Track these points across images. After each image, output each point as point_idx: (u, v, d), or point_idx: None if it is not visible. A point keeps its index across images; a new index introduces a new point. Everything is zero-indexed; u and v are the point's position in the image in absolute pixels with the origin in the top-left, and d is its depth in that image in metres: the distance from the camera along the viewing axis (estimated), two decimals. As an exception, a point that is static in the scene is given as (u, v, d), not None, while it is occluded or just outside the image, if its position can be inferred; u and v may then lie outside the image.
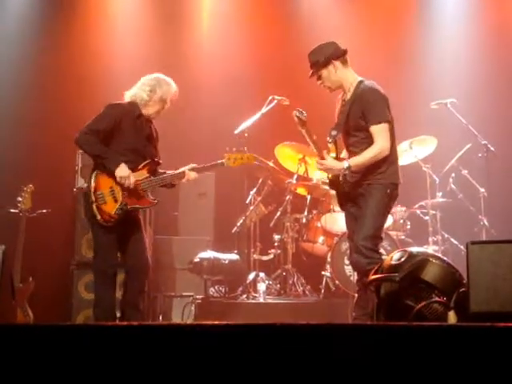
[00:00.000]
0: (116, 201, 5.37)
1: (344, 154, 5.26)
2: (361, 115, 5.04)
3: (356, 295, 5.29)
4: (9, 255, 6.26)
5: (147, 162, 5.51)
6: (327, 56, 5.12)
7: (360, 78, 5.19)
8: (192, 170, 5.57)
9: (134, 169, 5.41)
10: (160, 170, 5.62)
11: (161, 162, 5.65)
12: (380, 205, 5.06)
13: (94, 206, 5.35)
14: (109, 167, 5.34)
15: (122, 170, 5.32)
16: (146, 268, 5.56)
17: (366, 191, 5.09)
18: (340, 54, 5.16)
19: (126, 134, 5.43)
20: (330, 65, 5.12)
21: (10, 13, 8.43)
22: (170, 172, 5.60)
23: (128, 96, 5.58)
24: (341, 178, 5.12)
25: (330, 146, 5.23)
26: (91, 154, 5.48)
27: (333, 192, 5.33)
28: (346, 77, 5.18)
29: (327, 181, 5.38)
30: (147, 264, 5.58)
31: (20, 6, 8.44)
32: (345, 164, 5.05)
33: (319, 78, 5.19)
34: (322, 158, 5.14)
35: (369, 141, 5.03)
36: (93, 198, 5.35)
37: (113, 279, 5.45)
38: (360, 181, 5.10)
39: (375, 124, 4.99)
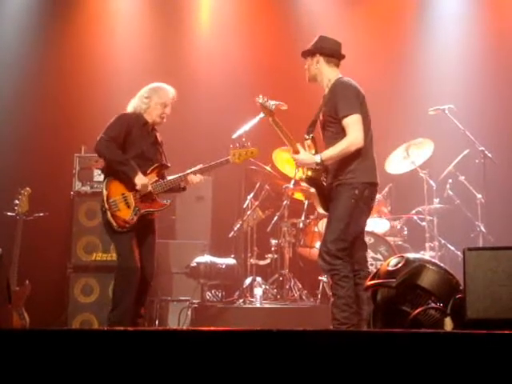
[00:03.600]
0: (129, 206, 5.52)
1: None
2: (334, 110, 5.01)
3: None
4: (5, 258, 6.29)
5: (156, 165, 5.70)
6: (316, 48, 5.19)
7: (339, 76, 5.17)
8: (200, 170, 5.73)
9: (143, 173, 5.57)
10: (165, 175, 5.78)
11: (169, 165, 5.84)
12: (345, 207, 4.93)
13: (109, 214, 5.48)
14: (127, 174, 5.50)
15: (141, 179, 5.51)
16: (151, 275, 5.70)
17: (336, 193, 5.02)
18: (328, 54, 5.18)
19: (135, 141, 5.60)
20: (314, 57, 5.18)
21: (9, 16, 8.43)
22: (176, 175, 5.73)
23: (130, 108, 5.76)
24: (322, 178, 5.08)
25: (309, 142, 5.20)
26: (112, 159, 5.58)
27: (313, 190, 5.24)
28: (326, 74, 5.18)
29: (305, 177, 5.24)
30: (153, 271, 5.73)
31: (18, 10, 8.45)
32: (317, 158, 5.01)
33: (306, 63, 5.26)
34: (296, 152, 5.14)
35: (342, 135, 4.96)
36: (106, 206, 5.49)
37: (136, 283, 5.46)
38: (332, 182, 5.05)
39: (345, 117, 4.93)
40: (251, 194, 7.68)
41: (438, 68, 8.71)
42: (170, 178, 5.72)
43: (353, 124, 4.93)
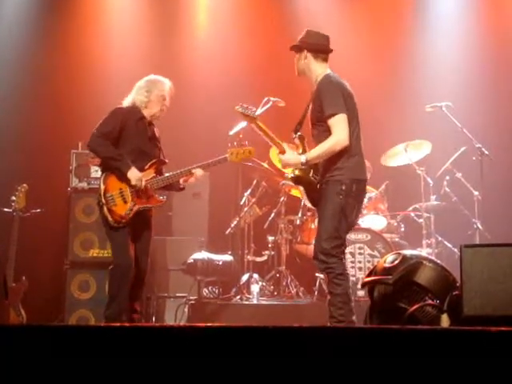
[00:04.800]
0: (126, 202, 5.50)
1: None
2: (320, 108, 4.99)
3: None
4: (2, 255, 6.29)
5: (154, 161, 5.66)
6: (303, 43, 5.17)
7: (327, 72, 5.12)
8: (197, 167, 5.69)
9: (141, 168, 5.54)
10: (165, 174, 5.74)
11: (167, 160, 5.80)
12: (334, 203, 4.90)
13: (105, 208, 5.46)
14: (121, 170, 5.48)
15: (134, 173, 5.47)
16: (145, 272, 5.68)
17: (324, 191, 4.99)
18: (316, 49, 5.14)
19: (130, 136, 5.58)
20: (302, 52, 5.16)
21: (5, 13, 8.42)
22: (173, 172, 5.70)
23: (127, 102, 5.72)
24: (311, 175, 5.07)
25: (297, 141, 5.20)
26: (104, 156, 5.57)
27: (301, 188, 5.23)
28: (314, 69, 5.14)
29: (292, 176, 5.21)
30: (147, 268, 5.70)
31: (16, 7, 8.43)
32: (302, 158, 4.99)
33: (295, 57, 5.25)
34: (282, 153, 5.13)
35: (328, 134, 4.93)
36: (103, 201, 5.48)
37: (130, 279, 5.45)
38: (321, 179, 5.03)
39: (331, 116, 4.89)
40: (248, 191, 7.67)
41: (436, 65, 8.70)
42: (167, 174, 5.68)
43: (338, 123, 4.89)
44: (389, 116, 8.24)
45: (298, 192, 7.70)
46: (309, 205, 5.30)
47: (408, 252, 4.95)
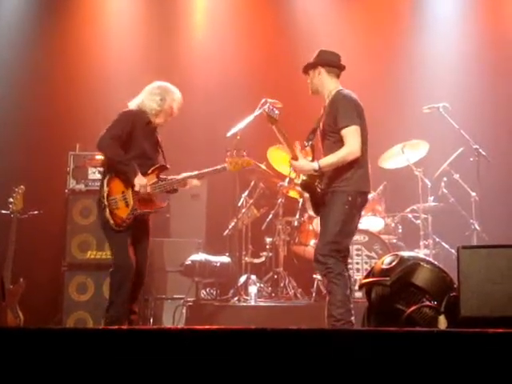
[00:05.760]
0: (128, 205, 5.50)
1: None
2: (333, 120, 5.15)
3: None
4: (0, 256, 6.29)
5: (156, 166, 5.67)
6: (317, 60, 5.35)
7: (340, 88, 5.31)
8: (196, 175, 5.73)
9: (144, 173, 5.56)
10: (161, 176, 5.74)
11: (169, 166, 5.79)
12: (340, 212, 5.07)
13: (107, 211, 5.46)
14: (127, 174, 5.48)
15: (141, 180, 5.49)
16: (144, 274, 5.70)
17: (330, 199, 5.15)
18: (329, 64, 5.33)
19: (137, 140, 5.57)
20: (316, 69, 5.33)
21: (4, 13, 8.42)
22: (172, 177, 5.70)
23: (134, 105, 5.70)
24: (316, 183, 5.16)
25: (308, 149, 5.32)
26: (113, 158, 5.54)
27: (306, 195, 5.33)
28: (327, 85, 5.32)
29: (300, 181, 5.37)
30: (145, 270, 5.72)
31: (15, 8, 8.43)
32: (315, 165, 5.13)
33: (308, 76, 5.39)
34: (295, 158, 5.21)
35: (340, 144, 5.10)
36: (106, 203, 5.47)
37: (130, 280, 5.45)
38: (326, 188, 5.17)
39: (344, 127, 5.07)
40: (246, 192, 7.67)
41: (433, 66, 8.71)
42: (168, 178, 5.68)
43: (351, 134, 5.07)
44: (386, 117, 8.23)
45: (295, 193, 7.71)
46: (311, 213, 5.40)
47: (405, 253, 4.95)
